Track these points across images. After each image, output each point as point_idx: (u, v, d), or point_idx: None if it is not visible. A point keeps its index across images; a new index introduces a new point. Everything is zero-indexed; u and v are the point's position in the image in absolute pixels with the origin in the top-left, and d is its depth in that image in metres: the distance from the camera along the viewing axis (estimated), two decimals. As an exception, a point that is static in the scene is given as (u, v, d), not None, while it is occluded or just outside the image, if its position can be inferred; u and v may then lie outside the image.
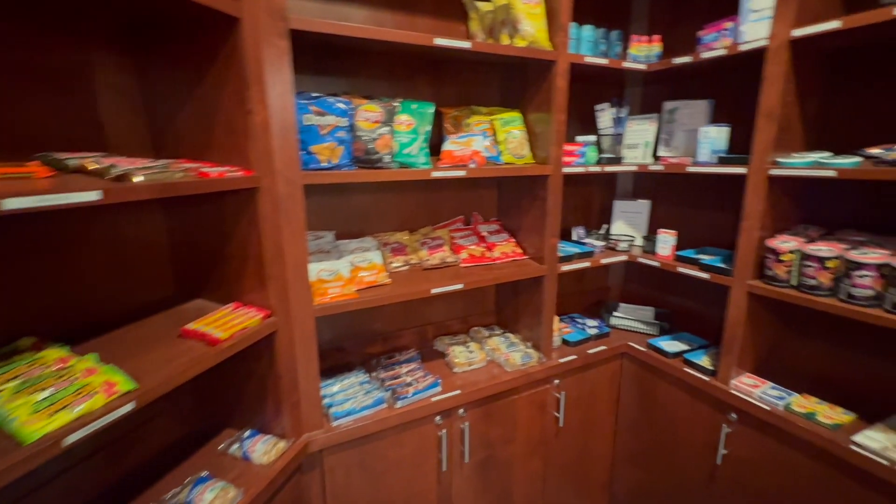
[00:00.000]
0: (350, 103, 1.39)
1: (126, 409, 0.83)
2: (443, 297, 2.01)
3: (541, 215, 1.81)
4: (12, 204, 0.66)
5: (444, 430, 1.66)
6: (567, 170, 1.80)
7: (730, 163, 1.65)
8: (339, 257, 1.59)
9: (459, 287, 1.61)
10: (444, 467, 1.69)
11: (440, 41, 1.41)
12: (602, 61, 1.78)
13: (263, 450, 1.28)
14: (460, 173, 1.54)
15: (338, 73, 1.62)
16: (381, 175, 1.42)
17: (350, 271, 1.56)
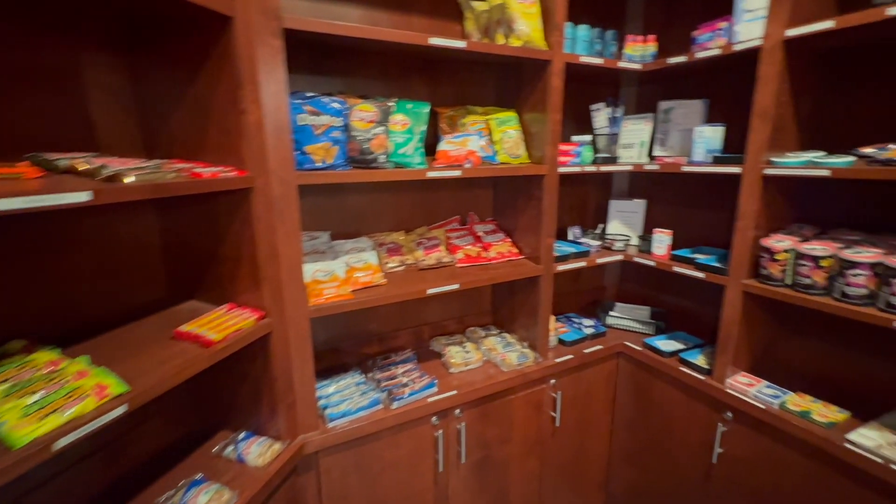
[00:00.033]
0: (345, 103, 1.38)
1: (118, 413, 0.82)
2: (439, 298, 2.01)
3: (537, 215, 1.81)
4: (1, 205, 0.66)
5: (441, 430, 1.65)
6: (563, 169, 1.80)
7: (724, 162, 1.65)
8: (335, 258, 1.58)
9: (455, 287, 1.61)
10: (441, 468, 1.69)
11: (435, 41, 1.40)
12: (597, 61, 1.78)
13: (258, 452, 1.27)
14: (456, 173, 1.53)
15: (333, 73, 1.62)
16: (376, 175, 1.42)
17: (345, 272, 1.55)
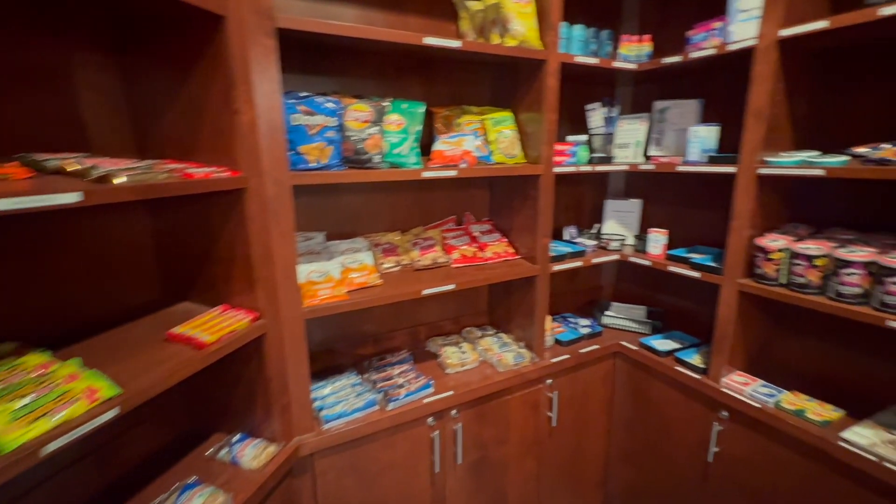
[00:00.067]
0: (339, 103, 1.37)
1: (109, 416, 0.81)
2: (435, 298, 2.00)
3: (532, 215, 1.81)
4: (-10, 206, 0.65)
5: (437, 431, 1.65)
6: (558, 169, 1.80)
7: (719, 162, 1.65)
8: (330, 258, 1.57)
9: (451, 288, 1.60)
10: (437, 469, 1.69)
11: (429, 40, 1.40)
12: (592, 61, 1.78)
13: (253, 454, 1.27)
14: (451, 173, 1.53)
15: (327, 73, 1.61)
16: (370, 175, 1.41)
17: (340, 272, 1.55)
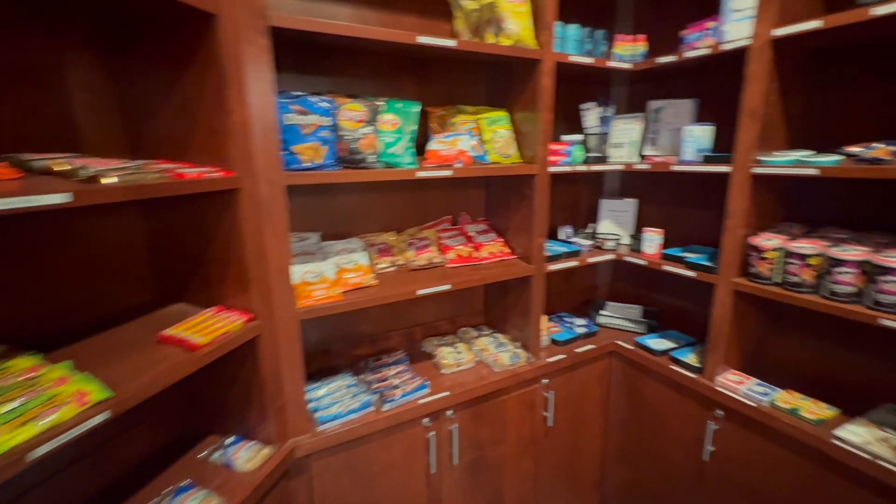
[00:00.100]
0: (333, 102, 1.36)
1: (99, 419, 0.80)
2: (431, 298, 2.00)
3: (528, 215, 1.81)
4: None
5: (433, 432, 1.64)
6: (553, 169, 1.80)
7: (714, 161, 1.66)
8: (324, 259, 1.56)
9: (447, 288, 1.60)
10: (434, 469, 1.68)
11: (423, 39, 1.39)
12: (587, 60, 1.78)
13: (247, 456, 1.26)
14: (446, 173, 1.53)
15: (321, 72, 1.60)
16: (365, 175, 1.40)
17: (335, 273, 1.54)
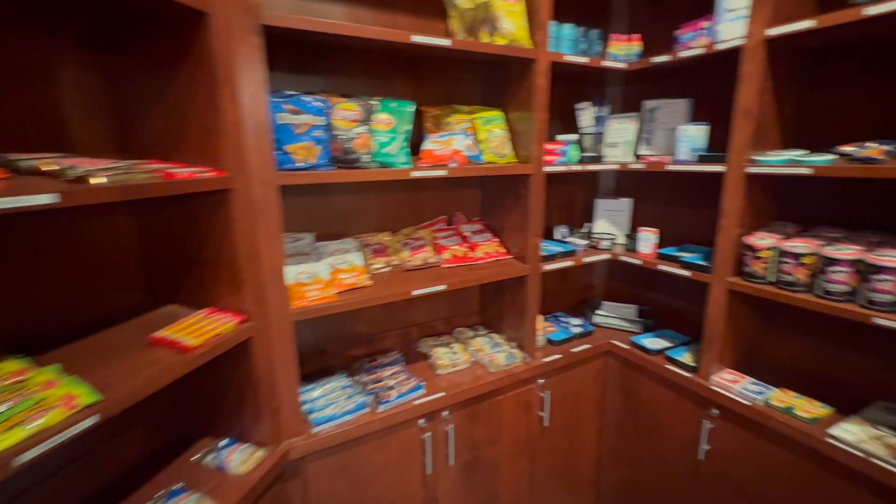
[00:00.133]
0: (327, 101, 1.35)
1: (88, 423, 0.79)
2: (426, 299, 1.99)
3: (523, 214, 1.81)
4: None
5: (429, 432, 1.63)
6: (549, 168, 1.79)
7: (708, 161, 1.66)
8: (319, 259, 1.55)
9: (442, 288, 1.59)
10: (430, 470, 1.67)
11: (418, 38, 1.39)
12: (582, 60, 1.78)
13: (240, 459, 1.25)
14: (441, 173, 1.52)
15: (315, 72, 1.59)
16: (359, 175, 1.39)
17: (330, 273, 1.53)
